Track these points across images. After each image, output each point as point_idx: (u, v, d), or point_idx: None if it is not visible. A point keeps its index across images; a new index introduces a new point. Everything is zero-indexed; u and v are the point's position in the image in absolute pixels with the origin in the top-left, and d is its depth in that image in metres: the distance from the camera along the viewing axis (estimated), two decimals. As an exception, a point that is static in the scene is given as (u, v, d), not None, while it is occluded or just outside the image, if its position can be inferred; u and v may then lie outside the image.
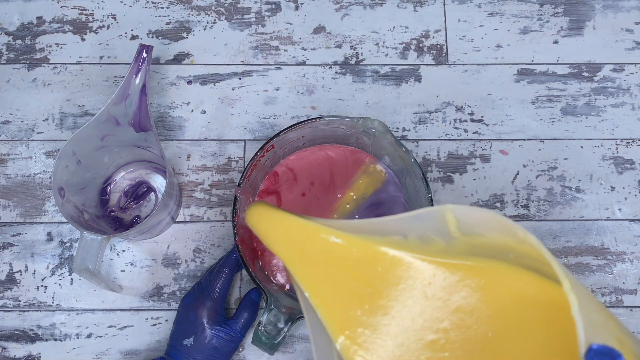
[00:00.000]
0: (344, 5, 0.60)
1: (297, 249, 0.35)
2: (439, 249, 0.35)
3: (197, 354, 0.47)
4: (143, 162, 0.55)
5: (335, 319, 0.34)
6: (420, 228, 0.34)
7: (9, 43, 0.59)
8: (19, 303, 0.53)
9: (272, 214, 0.36)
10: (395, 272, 0.35)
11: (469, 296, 0.34)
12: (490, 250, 0.33)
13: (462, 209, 0.31)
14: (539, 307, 0.33)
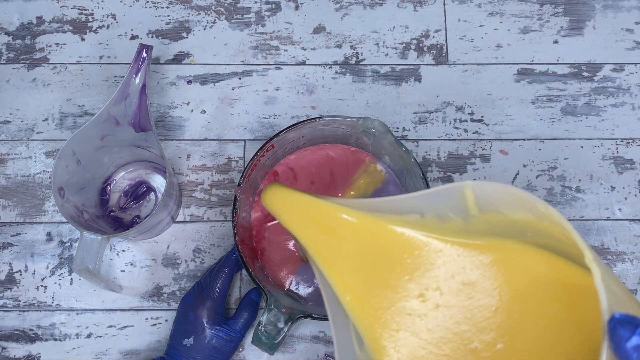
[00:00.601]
0: (344, 5, 0.60)
1: (313, 228, 0.36)
2: (457, 228, 0.35)
3: (197, 354, 0.47)
4: (143, 162, 0.55)
5: (353, 297, 0.35)
6: (438, 206, 0.34)
7: (9, 43, 0.59)
8: (18, 303, 0.53)
9: (288, 194, 0.37)
10: (412, 252, 0.35)
11: (485, 276, 0.34)
12: (508, 228, 0.33)
13: (482, 185, 0.31)
14: (556, 288, 0.33)
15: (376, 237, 0.35)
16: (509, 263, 0.34)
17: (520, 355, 0.32)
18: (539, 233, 0.32)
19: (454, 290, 0.34)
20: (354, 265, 0.35)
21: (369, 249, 0.35)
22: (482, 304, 0.34)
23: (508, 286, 0.34)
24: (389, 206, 0.35)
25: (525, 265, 0.34)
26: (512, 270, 0.34)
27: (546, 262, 0.33)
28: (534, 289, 0.33)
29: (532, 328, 0.33)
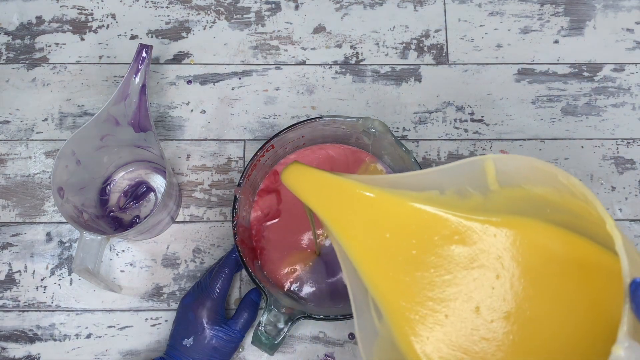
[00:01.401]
0: (344, 5, 0.60)
1: (334, 205, 0.36)
2: (476, 204, 0.35)
3: (197, 354, 0.47)
4: (142, 162, 0.55)
5: (373, 271, 0.35)
6: (458, 181, 0.34)
7: (9, 43, 0.59)
8: (18, 303, 0.53)
9: (309, 172, 0.38)
10: (430, 228, 0.35)
11: (503, 254, 0.34)
12: (528, 204, 0.34)
13: (503, 158, 0.32)
14: (571, 266, 0.33)
15: (396, 213, 0.36)
16: (526, 240, 0.34)
17: (536, 330, 0.33)
18: (558, 209, 0.33)
19: (471, 266, 0.34)
20: (374, 240, 0.36)
21: (389, 225, 0.36)
22: (498, 279, 0.34)
23: (525, 263, 0.34)
24: (409, 181, 0.35)
25: (542, 242, 0.34)
26: (529, 248, 0.34)
27: (563, 240, 0.33)
28: (550, 267, 0.33)
29: (548, 304, 0.33)
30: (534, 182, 0.32)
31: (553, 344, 0.32)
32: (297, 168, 0.38)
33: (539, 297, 0.33)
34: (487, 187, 0.34)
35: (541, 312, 0.33)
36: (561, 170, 0.29)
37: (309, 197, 0.37)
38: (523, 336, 0.33)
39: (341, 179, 0.37)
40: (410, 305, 0.34)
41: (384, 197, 0.36)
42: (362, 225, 0.36)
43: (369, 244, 0.36)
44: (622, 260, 0.25)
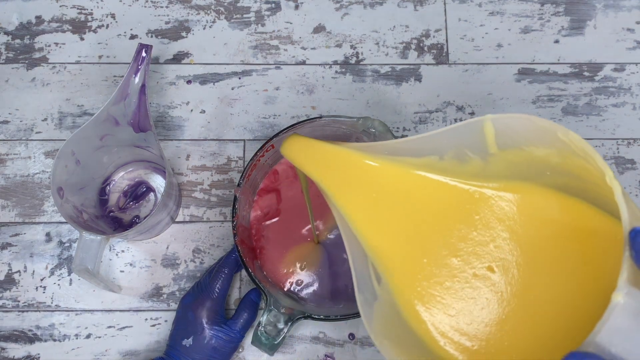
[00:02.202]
0: (344, 5, 0.60)
1: (334, 174, 0.37)
2: (476, 170, 0.35)
3: (196, 354, 0.47)
4: (142, 162, 0.55)
5: (374, 239, 0.36)
6: (457, 145, 0.34)
7: (8, 42, 0.59)
8: (17, 303, 0.53)
9: (308, 143, 0.38)
10: (429, 194, 0.36)
11: (503, 218, 0.35)
12: (528, 168, 0.34)
13: (501, 118, 0.32)
14: (569, 230, 0.33)
15: (398, 181, 0.36)
16: (526, 205, 0.34)
17: (535, 294, 0.33)
18: (558, 171, 0.33)
19: (471, 231, 0.35)
20: (376, 209, 0.36)
21: (391, 193, 0.36)
22: (499, 244, 0.34)
23: (524, 228, 0.34)
24: (408, 147, 0.36)
25: (542, 207, 0.34)
26: (529, 212, 0.34)
27: (562, 205, 0.34)
28: (550, 231, 0.34)
29: (547, 269, 0.33)
30: (533, 142, 0.32)
31: (552, 307, 0.33)
32: (297, 140, 0.38)
33: (538, 261, 0.34)
34: (487, 150, 0.34)
35: (540, 276, 0.33)
36: (560, 126, 0.29)
37: (308, 167, 0.37)
38: (524, 300, 0.33)
39: (341, 149, 0.37)
40: (412, 271, 0.35)
41: (386, 165, 0.36)
42: (363, 194, 0.36)
43: (371, 212, 0.36)
44: (622, 209, 0.25)
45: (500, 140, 0.33)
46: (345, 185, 0.37)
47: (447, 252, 0.35)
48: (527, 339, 0.33)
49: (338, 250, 0.51)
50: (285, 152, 0.39)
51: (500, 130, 0.32)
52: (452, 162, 0.35)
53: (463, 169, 0.36)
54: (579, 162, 0.30)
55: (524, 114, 0.30)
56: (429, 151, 0.35)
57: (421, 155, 0.36)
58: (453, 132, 0.33)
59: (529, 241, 0.34)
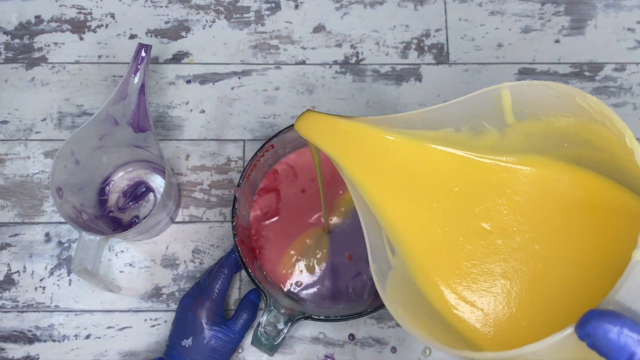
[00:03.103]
0: (344, 4, 0.60)
1: (350, 149, 0.37)
2: (492, 142, 0.35)
3: (196, 354, 0.47)
4: (142, 162, 0.55)
5: (389, 210, 0.36)
6: (473, 116, 0.34)
7: (7, 42, 0.59)
8: (17, 304, 0.53)
9: (323, 119, 0.38)
10: (448, 168, 0.36)
11: (518, 192, 0.35)
12: (545, 139, 0.34)
13: (518, 85, 0.32)
14: (583, 205, 0.34)
15: (414, 155, 0.36)
16: (541, 179, 0.35)
17: (547, 266, 0.33)
18: (576, 142, 0.33)
19: (486, 204, 0.35)
20: (392, 182, 0.36)
21: (405, 166, 0.36)
22: (514, 217, 0.35)
23: (539, 201, 0.34)
24: (425, 118, 0.35)
25: (556, 181, 0.34)
26: (544, 186, 0.35)
27: (577, 179, 0.34)
28: (563, 204, 0.34)
29: (562, 240, 0.34)
30: (551, 111, 0.32)
31: (567, 276, 0.33)
32: (311, 115, 0.38)
33: (553, 232, 0.34)
34: (504, 121, 0.34)
35: (556, 247, 0.34)
36: (578, 90, 0.29)
37: (323, 143, 0.37)
38: (538, 269, 0.34)
39: (357, 124, 0.37)
40: (427, 242, 0.35)
41: (402, 139, 0.36)
42: (378, 168, 0.36)
43: (386, 186, 0.36)
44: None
45: (517, 109, 0.33)
46: (361, 160, 0.37)
47: (462, 224, 0.35)
48: (540, 305, 0.33)
49: (345, 240, 0.51)
50: (299, 129, 0.39)
51: (517, 99, 0.32)
52: (468, 135, 0.35)
53: (479, 142, 0.36)
54: (597, 129, 0.30)
55: (541, 81, 0.30)
56: (446, 123, 0.35)
57: (437, 128, 0.36)
58: (470, 101, 0.33)
59: (544, 213, 0.34)
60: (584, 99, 0.29)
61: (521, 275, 0.34)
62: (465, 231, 0.35)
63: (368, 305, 0.46)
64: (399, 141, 0.36)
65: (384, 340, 0.52)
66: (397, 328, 0.52)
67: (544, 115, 0.32)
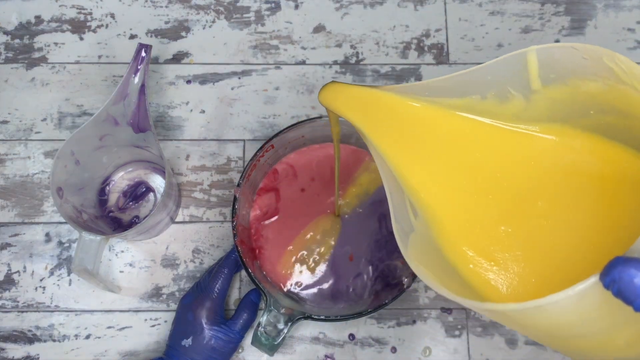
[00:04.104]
0: (344, 4, 0.60)
1: (376, 118, 0.37)
2: (517, 109, 0.35)
3: (196, 354, 0.47)
4: (142, 162, 0.55)
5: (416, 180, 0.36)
6: (499, 81, 0.34)
7: (7, 42, 0.59)
8: (17, 304, 0.53)
9: (346, 89, 0.38)
10: (470, 136, 0.36)
11: (539, 161, 0.35)
12: (571, 106, 0.34)
13: (545, 47, 0.32)
14: (607, 175, 0.34)
15: (437, 122, 0.36)
16: (564, 148, 0.35)
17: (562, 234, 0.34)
18: (603, 109, 0.32)
19: (508, 171, 0.35)
20: (416, 149, 0.37)
21: (430, 134, 0.36)
22: (533, 183, 0.35)
23: (559, 170, 0.35)
24: (451, 85, 0.36)
25: (579, 150, 0.35)
26: (566, 155, 0.35)
27: (600, 149, 0.34)
28: (583, 175, 0.34)
29: (582, 206, 0.34)
30: (578, 74, 0.32)
31: (578, 244, 0.33)
32: (336, 86, 0.38)
33: (571, 201, 0.34)
34: (529, 86, 0.34)
35: (572, 215, 0.34)
36: (607, 50, 0.29)
37: (348, 112, 0.38)
38: (552, 236, 0.34)
39: (382, 93, 0.37)
40: (449, 206, 0.36)
41: (427, 107, 0.36)
42: (403, 136, 0.37)
43: (410, 153, 0.37)
44: None
45: (543, 73, 0.33)
46: (386, 128, 0.37)
47: (484, 189, 0.36)
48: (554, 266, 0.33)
49: (354, 227, 0.52)
50: (324, 100, 0.39)
51: (544, 63, 0.32)
52: (494, 102, 0.35)
53: (505, 110, 0.36)
54: (625, 91, 0.30)
55: (568, 43, 0.30)
56: (472, 90, 0.35)
57: (463, 95, 0.36)
58: (496, 66, 0.33)
59: (564, 182, 0.35)
60: (612, 59, 0.29)
61: (538, 237, 0.34)
62: (486, 196, 0.36)
63: (368, 305, 0.46)
64: (424, 109, 0.36)
65: (384, 340, 0.52)
66: (397, 328, 0.52)
67: (570, 79, 0.32)
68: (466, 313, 0.53)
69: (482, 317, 0.53)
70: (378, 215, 0.52)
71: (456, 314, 0.53)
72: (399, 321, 0.53)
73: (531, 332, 0.29)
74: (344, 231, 0.52)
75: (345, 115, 0.38)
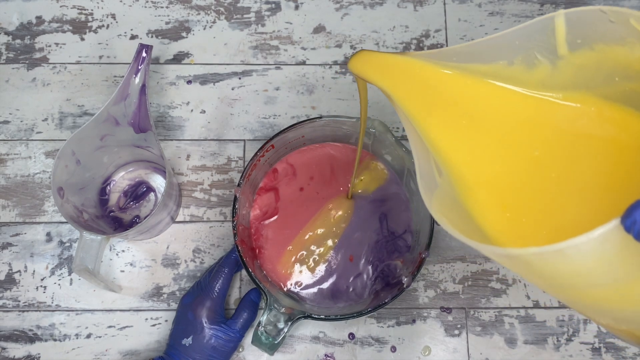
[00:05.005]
0: (344, 5, 0.60)
1: (405, 85, 0.38)
2: (543, 76, 0.36)
3: (196, 353, 0.47)
4: (142, 162, 0.55)
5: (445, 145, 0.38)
6: (526, 47, 0.35)
7: (9, 43, 0.59)
8: (18, 303, 0.53)
9: (377, 57, 0.39)
10: (495, 102, 0.37)
11: (561, 127, 0.36)
12: (596, 72, 0.34)
13: (573, 11, 0.32)
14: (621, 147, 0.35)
15: (465, 88, 0.37)
16: (586, 116, 0.36)
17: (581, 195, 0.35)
18: (628, 75, 0.33)
19: (531, 135, 0.37)
20: (443, 114, 0.38)
21: (458, 99, 0.38)
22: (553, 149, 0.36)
23: (580, 137, 0.36)
24: (479, 50, 0.36)
25: (601, 119, 0.35)
26: (587, 123, 0.36)
27: (623, 119, 0.35)
28: (600, 141, 0.35)
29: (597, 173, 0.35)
30: (604, 39, 0.32)
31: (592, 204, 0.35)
32: (366, 54, 0.39)
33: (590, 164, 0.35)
34: (556, 52, 0.35)
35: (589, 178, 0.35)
36: (634, 11, 0.29)
37: (380, 80, 0.38)
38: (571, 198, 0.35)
39: (414, 60, 0.37)
40: (473, 167, 0.37)
41: (458, 74, 0.37)
42: (431, 101, 0.38)
43: (439, 117, 0.38)
44: None
45: (570, 38, 0.33)
46: (415, 95, 0.38)
47: (507, 152, 0.37)
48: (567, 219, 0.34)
49: (354, 227, 0.52)
50: (354, 67, 0.39)
51: (571, 27, 0.33)
52: (520, 68, 0.36)
53: (531, 76, 0.36)
54: None
55: (596, 6, 0.31)
56: (499, 55, 0.36)
57: (491, 60, 0.37)
58: (524, 30, 0.34)
59: (584, 147, 0.35)
60: (639, 20, 0.29)
61: (557, 196, 0.35)
62: (509, 158, 0.37)
63: (368, 305, 0.46)
64: (453, 76, 0.37)
65: (383, 339, 0.52)
66: (397, 327, 0.53)
67: (597, 44, 0.33)
68: (465, 312, 0.53)
69: (481, 317, 0.53)
70: (379, 215, 0.52)
71: (455, 314, 0.53)
72: (398, 320, 0.53)
73: (549, 282, 0.29)
74: (345, 231, 0.52)
75: (374, 81, 0.39)
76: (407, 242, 0.51)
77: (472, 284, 0.54)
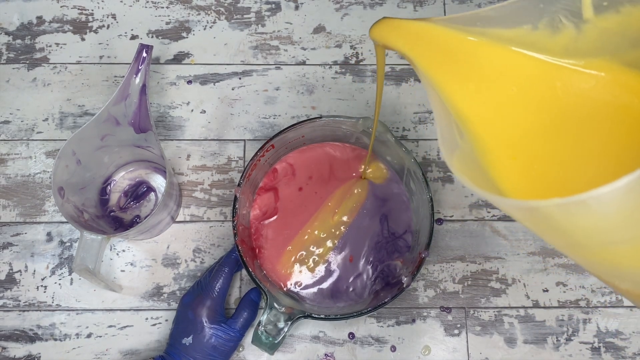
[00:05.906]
0: (344, 5, 0.60)
1: (428, 51, 0.38)
2: (567, 41, 0.36)
3: (196, 353, 0.47)
4: (143, 161, 0.55)
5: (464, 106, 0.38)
6: (551, 10, 0.35)
7: (9, 43, 0.59)
8: (18, 303, 0.53)
9: (399, 23, 0.39)
10: (518, 67, 0.38)
11: (582, 95, 0.36)
12: (622, 37, 0.34)
13: None
14: None
15: (489, 55, 0.38)
16: (608, 84, 0.36)
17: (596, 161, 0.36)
18: None
19: (551, 103, 0.37)
20: (466, 79, 0.38)
21: (481, 65, 0.38)
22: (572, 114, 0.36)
23: (600, 105, 0.36)
24: (503, 14, 0.36)
25: (621, 88, 0.36)
26: (609, 91, 0.36)
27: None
28: (622, 108, 0.35)
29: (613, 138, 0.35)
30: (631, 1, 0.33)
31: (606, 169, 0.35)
32: (388, 21, 0.39)
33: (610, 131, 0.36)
34: (581, 15, 0.35)
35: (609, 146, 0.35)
36: None
37: (403, 46, 0.38)
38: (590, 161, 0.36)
39: (437, 27, 0.38)
40: (494, 132, 0.37)
41: (482, 41, 0.37)
42: (455, 67, 0.38)
43: (462, 83, 0.38)
44: None
45: (596, 0, 0.33)
46: (438, 60, 0.38)
47: (528, 118, 0.37)
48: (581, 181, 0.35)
49: (355, 227, 0.52)
50: (376, 35, 0.39)
51: None
52: (545, 33, 0.36)
53: (555, 42, 0.36)
54: None
55: None
56: (524, 19, 0.36)
57: (515, 24, 0.37)
58: None
59: (606, 113, 0.36)
60: None
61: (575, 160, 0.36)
62: (530, 124, 0.37)
63: (368, 304, 0.46)
64: (478, 43, 0.38)
65: (383, 339, 0.52)
66: (397, 327, 0.53)
67: (624, 6, 0.33)
68: (465, 312, 0.53)
69: (481, 316, 0.53)
70: (379, 215, 0.52)
71: (455, 313, 0.53)
72: (398, 320, 0.53)
73: (567, 240, 0.30)
74: (345, 232, 0.52)
75: (398, 48, 0.39)
76: (407, 242, 0.52)
77: (472, 284, 0.54)
